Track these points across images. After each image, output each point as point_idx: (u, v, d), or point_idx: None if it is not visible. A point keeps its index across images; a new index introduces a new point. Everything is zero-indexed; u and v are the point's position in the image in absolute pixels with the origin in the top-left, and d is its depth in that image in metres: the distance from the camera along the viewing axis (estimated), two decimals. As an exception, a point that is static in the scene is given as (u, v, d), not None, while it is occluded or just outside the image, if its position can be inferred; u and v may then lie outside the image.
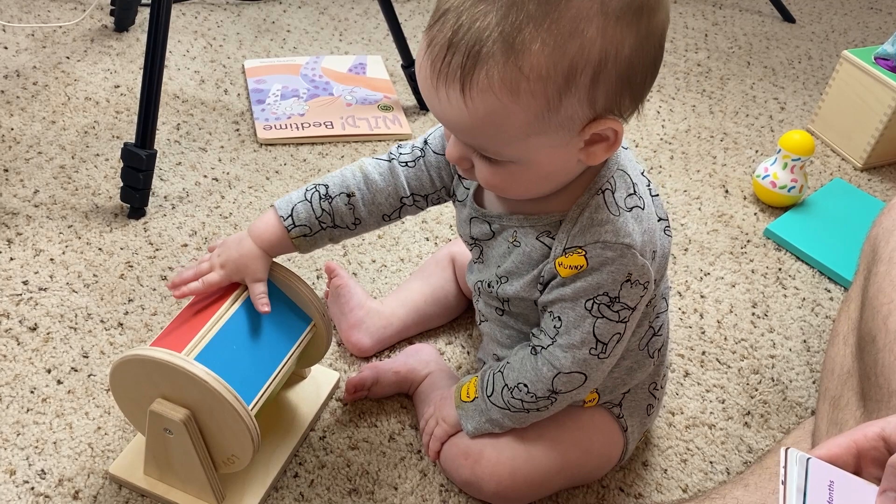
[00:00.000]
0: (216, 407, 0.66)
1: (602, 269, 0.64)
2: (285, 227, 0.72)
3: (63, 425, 0.81)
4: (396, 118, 1.28)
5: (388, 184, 0.74)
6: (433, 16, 0.57)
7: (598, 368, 0.69)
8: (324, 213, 0.73)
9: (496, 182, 0.63)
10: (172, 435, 0.68)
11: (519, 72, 0.54)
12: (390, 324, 0.91)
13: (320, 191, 0.73)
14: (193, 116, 1.24)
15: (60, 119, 1.20)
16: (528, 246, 0.68)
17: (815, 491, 0.48)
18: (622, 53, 0.55)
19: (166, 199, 1.09)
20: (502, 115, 0.56)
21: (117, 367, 0.67)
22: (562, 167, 0.63)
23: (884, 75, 1.24)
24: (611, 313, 0.66)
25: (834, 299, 1.06)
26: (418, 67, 0.58)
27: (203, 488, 0.72)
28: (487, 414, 0.74)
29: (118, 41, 1.38)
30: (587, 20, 0.53)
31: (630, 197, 0.66)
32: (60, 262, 0.98)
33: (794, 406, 0.92)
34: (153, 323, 0.92)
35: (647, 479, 0.83)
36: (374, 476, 0.80)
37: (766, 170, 1.18)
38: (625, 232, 0.64)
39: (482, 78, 0.54)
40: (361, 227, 0.75)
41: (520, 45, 0.53)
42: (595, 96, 0.56)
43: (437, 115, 0.60)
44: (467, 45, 0.54)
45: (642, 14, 0.55)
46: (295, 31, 1.49)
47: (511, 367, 0.72)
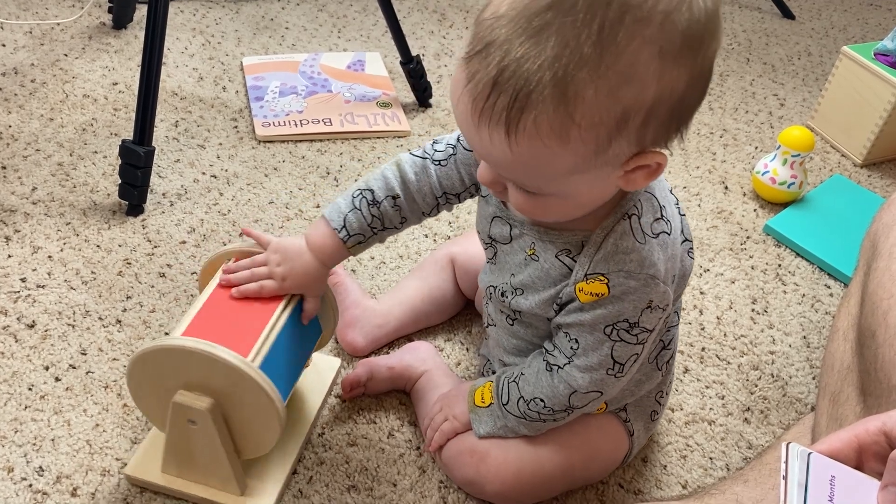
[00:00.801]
0: (244, 391, 0.65)
1: (624, 298, 0.63)
2: (341, 239, 0.73)
3: (61, 422, 0.80)
4: (395, 115, 1.28)
5: (424, 184, 0.74)
6: (472, 44, 0.53)
7: (615, 386, 0.69)
8: (374, 219, 0.73)
9: (529, 209, 0.62)
10: (196, 425, 0.68)
11: (570, 119, 0.51)
12: (386, 322, 0.90)
13: (367, 197, 0.73)
14: (192, 113, 1.24)
15: (58, 116, 1.19)
16: (546, 262, 0.66)
17: (817, 486, 0.48)
18: (676, 93, 0.53)
19: (164, 196, 1.08)
20: (548, 158, 0.54)
21: (138, 360, 0.66)
22: (599, 196, 0.61)
23: (883, 71, 1.24)
24: (629, 337, 0.65)
25: (834, 295, 1.06)
26: (456, 98, 0.55)
27: (226, 479, 0.72)
28: (503, 421, 0.74)
29: (116, 38, 1.38)
30: (645, 64, 0.50)
31: (657, 222, 0.64)
32: (58, 259, 0.98)
33: (793, 402, 0.92)
34: (151, 320, 0.92)
35: (647, 475, 0.83)
36: (372, 472, 0.80)
37: (766, 166, 1.18)
38: (650, 262, 0.62)
39: (530, 123, 0.51)
40: (406, 224, 0.76)
41: (573, 92, 0.50)
42: (644, 135, 0.54)
43: (476, 150, 0.57)
44: (514, 88, 0.50)
45: (700, 48, 0.52)
46: (293, 28, 1.49)
47: (526, 380, 0.72)
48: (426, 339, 0.93)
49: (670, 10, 0.50)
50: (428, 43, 1.49)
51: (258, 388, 0.65)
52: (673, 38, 0.51)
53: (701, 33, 0.52)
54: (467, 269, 0.93)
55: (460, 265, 0.93)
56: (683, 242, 0.68)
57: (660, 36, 0.50)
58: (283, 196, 1.11)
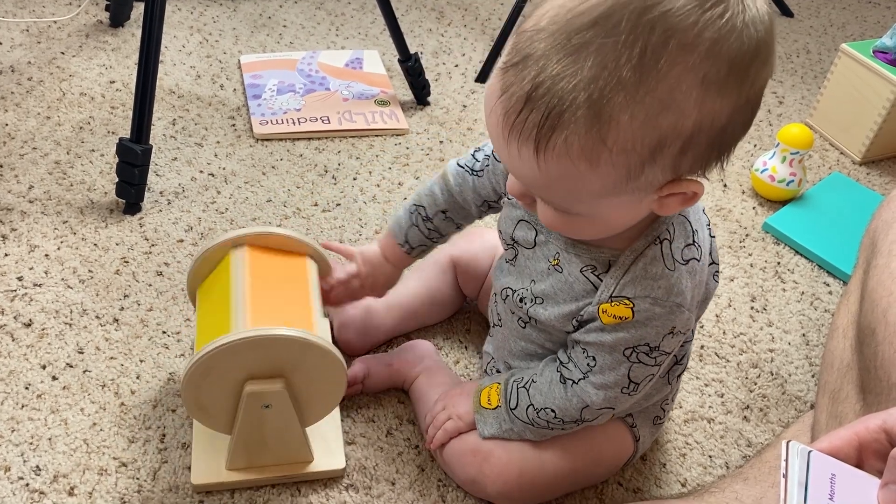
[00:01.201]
0: (312, 361, 0.68)
1: (648, 324, 0.62)
2: (405, 252, 0.83)
3: (58, 421, 0.80)
4: (393, 113, 1.27)
5: (466, 193, 0.78)
6: (510, 55, 0.51)
7: (627, 402, 0.69)
8: (431, 232, 0.81)
9: (558, 226, 0.61)
10: (270, 408, 0.70)
11: (601, 143, 0.50)
12: (383, 323, 0.90)
13: (421, 213, 0.80)
14: (189, 112, 1.24)
15: (55, 115, 1.19)
16: (571, 276, 0.65)
17: (817, 484, 0.47)
18: (717, 123, 0.51)
19: (162, 194, 1.08)
20: (576, 179, 0.52)
21: (195, 373, 0.66)
22: (630, 219, 0.60)
23: (882, 68, 1.23)
24: (648, 360, 0.65)
25: (833, 293, 1.06)
26: (489, 109, 0.54)
27: (299, 450, 0.75)
28: (509, 424, 0.73)
29: (113, 36, 1.38)
30: (686, 93, 0.48)
31: (688, 248, 0.62)
32: (55, 257, 0.97)
33: (793, 400, 0.92)
34: (149, 318, 0.91)
35: (646, 473, 0.82)
36: (371, 471, 0.79)
37: (765, 164, 1.17)
38: (678, 290, 0.61)
39: (560, 143, 0.50)
40: (465, 225, 0.82)
41: (607, 115, 0.48)
42: (680, 163, 0.53)
43: (505, 162, 0.56)
44: (548, 105, 0.49)
45: (747, 77, 0.50)
46: (291, 27, 1.48)
47: (538, 388, 0.71)
48: (424, 337, 0.93)
49: (718, 38, 0.48)
50: (426, 41, 1.48)
51: (328, 353, 0.68)
52: (718, 66, 0.49)
53: (749, 62, 0.50)
54: (469, 270, 0.92)
55: (462, 267, 0.93)
56: (710, 265, 0.67)
57: (704, 64, 0.48)
58: (281, 194, 1.11)
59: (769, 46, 0.51)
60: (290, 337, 0.66)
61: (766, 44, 0.51)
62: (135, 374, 0.86)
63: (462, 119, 1.30)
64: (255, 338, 0.66)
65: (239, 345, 0.65)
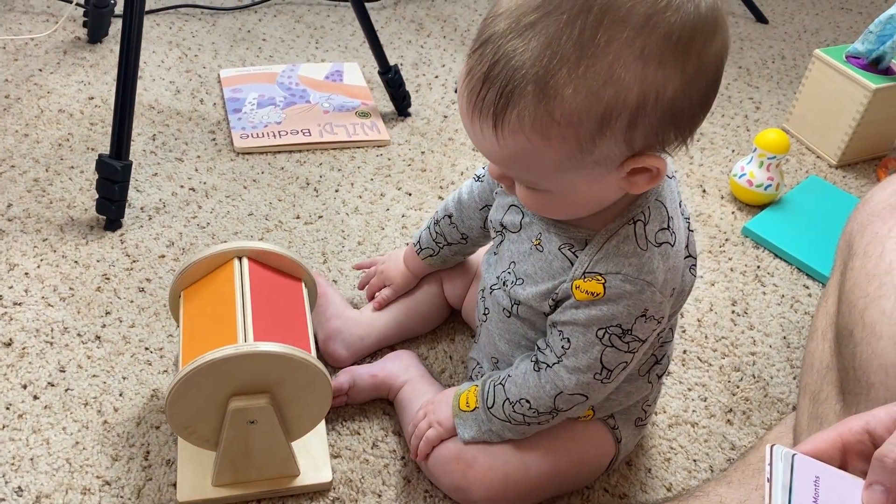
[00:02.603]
0: (299, 377, 0.68)
1: (619, 301, 0.63)
2: (416, 252, 0.89)
3: (40, 441, 0.79)
4: (374, 125, 1.28)
5: (472, 200, 0.82)
6: (475, 41, 0.55)
7: (600, 391, 0.70)
8: (438, 235, 0.86)
9: (534, 205, 0.63)
10: (255, 424, 0.69)
11: (550, 117, 0.52)
12: (368, 334, 0.90)
13: (434, 217, 0.87)
14: (169, 127, 1.23)
15: (34, 132, 1.18)
16: (550, 254, 0.67)
17: (801, 487, 0.48)
18: (664, 96, 0.53)
19: (143, 210, 1.08)
20: (533, 153, 0.55)
21: (179, 390, 0.66)
22: (601, 196, 0.61)
23: (855, 73, 1.25)
24: (621, 344, 0.66)
25: (812, 295, 1.07)
26: (459, 93, 0.57)
27: (285, 464, 0.75)
28: (488, 425, 0.74)
29: (92, 53, 1.37)
30: (624, 66, 0.51)
31: (662, 231, 0.64)
32: (35, 276, 0.96)
33: (775, 402, 0.93)
34: (131, 335, 0.91)
35: (632, 479, 0.83)
36: (357, 484, 0.79)
37: (743, 169, 1.19)
38: (648, 269, 0.63)
39: (513, 118, 0.53)
40: (472, 240, 0.86)
41: (552, 89, 0.51)
42: (633, 137, 0.54)
43: (474, 142, 0.59)
44: (501, 83, 0.53)
45: (690, 51, 0.52)
46: (271, 40, 1.48)
47: (513, 380, 0.72)
48: (409, 348, 0.93)
49: (652, 13, 0.51)
50: (406, 52, 1.49)
51: (313, 369, 0.69)
52: (655, 39, 0.51)
53: (689, 37, 0.52)
54: (454, 280, 0.93)
55: (447, 277, 0.93)
56: (687, 258, 0.68)
57: (640, 37, 0.51)
58: (263, 207, 1.11)
59: (715, 21, 0.53)
60: (276, 353, 0.66)
61: (709, 18, 0.53)
62: (117, 392, 0.85)
63: (443, 129, 1.30)
64: (241, 354, 0.65)
65: (224, 361, 0.65)
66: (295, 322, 0.74)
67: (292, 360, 0.67)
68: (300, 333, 0.73)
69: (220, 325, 0.70)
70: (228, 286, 0.73)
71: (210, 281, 0.76)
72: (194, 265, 0.75)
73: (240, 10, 1.56)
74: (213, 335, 0.69)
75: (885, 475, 0.47)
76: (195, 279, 0.77)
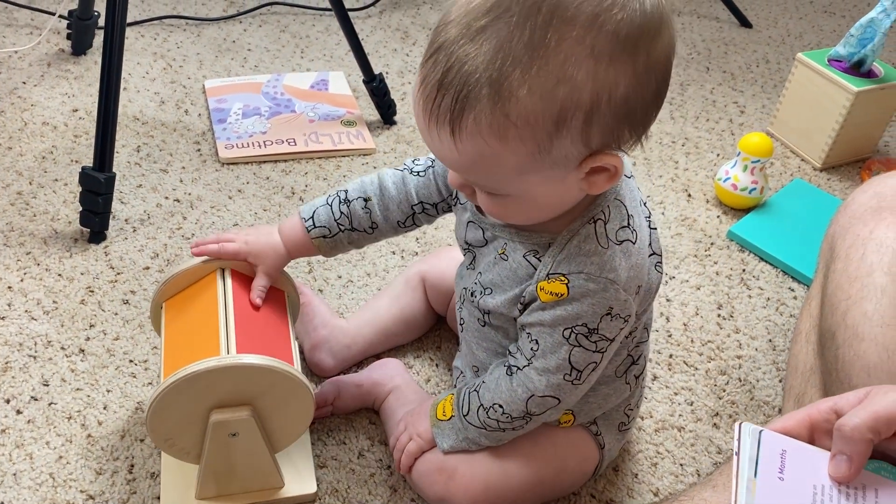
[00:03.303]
0: (282, 390, 0.68)
1: (582, 300, 0.64)
2: (306, 228, 0.76)
3: (23, 456, 0.79)
4: (360, 133, 1.28)
5: (400, 192, 0.76)
6: (427, 49, 0.55)
7: (572, 393, 0.69)
8: (342, 216, 0.76)
9: (496, 211, 0.63)
10: (237, 436, 0.69)
11: (506, 118, 0.53)
12: (354, 343, 0.90)
13: (340, 196, 0.77)
14: (154, 138, 1.23)
15: (17, 145, 1.18)
16: (514, 262, 0.67)
17: (767, 459, 0.49)
18: (617, 93, 0.54)
19: (127, 222, 1.07)
20: (492, 157, 0.55)
21: (160, 403, 0.66)
22: (561, 198, 0.62)
23: (838, 77, 1.26)
24: (588, 343, 0.66)
25: (797, 298, 1.08)
26: (414, 102, 0.58)
27: (269, 476, 0.74)
28: (464, 433, 0.74)
29: (76, 65, 1.37)
30: (576, 65, 0.52)
31: (623, 230, 0.65)
32: (18, 289, 0.96)
33: (761, 405, 0.93)
34: (115, 348, 0.90)
35: (619, 484, 0.83)
36: (343, 494, 0.79)
37: (727, 172, 1.19)
38: (610, 266, 0.63)
39: (470, 123, 0.54)
40: (378, 231, 0.78)
41: (507, 91, 0.52)
42: (589, 136, 0.55)
43: (433, 151, 0.59)
44: (456, 89, 0.53)
45: (639, 48, 0.53)
46: (256, 50, 1.48)
47: (486, 386, 0.72)
48: (395, 356, 0.93)
49: (599, 12, 0.52)
50: (391, 61, 1.49)
51: (295, 380, 0.68)
52: (604, 37, 0.52)
53: (637, 34, 0.53)
54: (438, 286, 0.93)
55: (431, 283, 0.93)
56: (651, 256, 0.68)
57: (589, 36, 0.52)
58: (248, 217, 1.11)
59: (661, 18, 0.54)
60: (258, 365, 0.66)
61: (655, 15, 0.54)
62: (102, 405, 0.84)
63: (428, 137, 1.30)
64: (223, 367, 0.65)
65: (206, 374, 0.65)
66: (277, 334, 0.74)
67: (274, 372, 0.67)
68: (282, 345, 0.72)
69: (202, 338, 0.69)
70: (211, 298, 0.73)
71: (192, 293, 0.75)
72: (176, 277, 0.75)
73: (224, 20, 1.56)
74: (194, 347, 0.69)
75: (845, 444, 0.49)
76: (177, 291, 0.76)
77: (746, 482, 0.49)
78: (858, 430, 0.48)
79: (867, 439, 0.48)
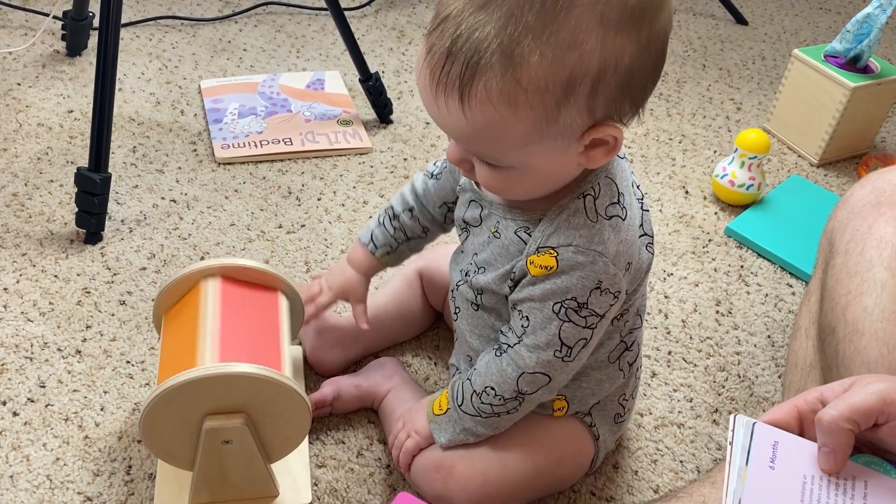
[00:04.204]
0: (277, 400, 0.67)
1: (571, 273, 0.64)
2: (371, 252, 0.83)
3: (20, 458, 0.78)
4: (356, 132, 1.28)
5: (429, 195, 0.81)
6: (433, 21, 0.56)
7: (562, 371, 0.69)
8: (396, 231, 0.83)
9: (495, 185, 0.64)
10: (231, 444, 0.68)
11: (517, 84, 0.54)
12: (355, 341, 0.90)
13: (389, 213, 0.83)
14: (150, 138, 1.23)
15: (12, 146, 1.17)
16: (506, 239, 0.68)
17: (759, 450, 0.51)
18: (622, 63, 0.55)
19: (123, 222, 1.07)
20: (500, 125, 0.56)
21: (148, 418, 0.65)
22: (561, 171, 0.63)
23: (834, 72, 1.26)
24: (578, 318, 0.66)
25: (796, 294, 1.08)
26: (418, 73, 0.58)
27: (262, 485, 0.74)
28: (461, 423, 0.74)
29: (70, 66, 1.36)
30: (586, 32, 0.53)
31: (612, 206, 0.65)
32: (14, 291, 0.95)
33: (760, 401, 0.93)
34: (112, 349, 0.90)
35: (619, 481, 0.83)
36: (342, 494, 0.79)
37: (725, 169, 1.19)
38: (599, 239, 0.64)
39: (480, 89, 0.54)
40: (432, 232, 0.84)
41: (518, 57, 0.53)
42: (594, 105, 0.56)
43: (437, 121, 0.60)
44: (466, 56, 0.54)
45: (643, 22, 0.55)
46: (251, 50, 1.48)
47: (477, 372, 0.72)
48: (393, 354, 0.93)
49: None
50: (387, 60, 1.49)
51: (289, 391, 0.67)
52: (612, 6, 0.53)
53: (643, 6, 0.55)
54: (436, 282, 0.92)
55: (429, 278, 0.93)
56: (642, 236, 0.69)
57: (600, 4, 0.53)
58: (245, 217, 1.10)
59: None
60: (249, 374, 0.65)
61: None
62: (99, 406, 0.84)
63: (425, 136, 1.30)
64: (212, 375, 0.64)
65: (196, 382, 0.64)
66: (267, 339, 0.72)
67: (254, 378, 0.66)
68: (271, 351, 0.71)
69: (185, 349, 0.69)
70: (194, 308, 0.73)
71: (184, 303, 0.75)
72: (168, 289, 0.75)
73: (220, 20, 1.55)
74: (179, 359, 0.68)
75: (825, 436, 0.50)
76: (173, 302, 0.76)
77: (738, 470, 0.50)
78: (836, 422, 0.49)
79: (846, 431, 0.49)
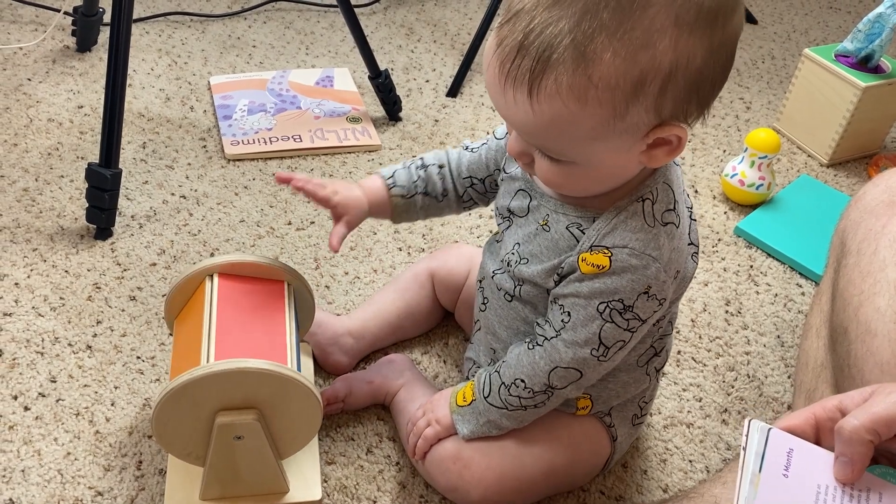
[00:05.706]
0: (288, 395, 0.67)
1: (623, 274, 0.64)
2: (387, 185, 0.79)
3: (31, 452, 0.79)
4: (366, 129, 1.28)
5: (460, 166, 0.80)
6: (504, 14, 0.56)
7: (595, 369, 0.69)
8: (419, 179, 0.79)
9: (554, 179, 0.64)
10: (242, 440, 0.68)
11: (588, 80, 0.54)
12: (362, 337, 0.90)
13: (417, 162, 0.80)
14: (159, 134, 1.23)
15: (23, 141, 1.18)
16: (556, 233, 0.68)
17: (773, 456, 0.50)
18: (693, 64, 0.55)
19: (133, 218, 1.07)
20: (568, 120, 0.56)
21: (164, 405, 0.66)
22: (621, 169, 0.63)
23: (844, 72, 1.26)
24: (621, 320, 0.66)
25: (805, 294, 1.07)
26: (486, 65, 0.58)
27: (273, 481, 0.74)
28: (486, 416, 0.74)
29: (81, 61, 1.37)
30: (661, 32, 0.53)
31: (668, 212, 0.65)
32: (25, 286, 0.96)
33: (770, 401, 0.92)
34: (122, 344, 0.90)
35: (628, 480, 0.83)
36: (351, 491, 0.79)
37: (734, 168, 1.19)
38: (655, 245, 0.64)
39: (550, 84, 0.55)
40: (447, 201, 0.80)
41: (591, 53, 0.53)
42: (662, 104, 0.56)
43: (503, 114, 0.60)
44: (538, 50, 0.54)
45: (717, 23, 0.55)
46: (261, 46, 1.48)
47: (507, 364, 0.72)
48: (402, 352, 0.93)
49: None
50: (396, 57, 1.49)
51: (304, 389, 0.67)
52: (688, 7, 0.54)
53: (717, 8, 0.55)
54: (448, 283, 0.92)
55: (440, 279, 0.93)
56: (689, 245, 0.69)
57: (674, 5, 0.53)
58: (254, 214, 1.10)
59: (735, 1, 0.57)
60: (260, 369, 0.65)
61: None
62: (109, 401, 0.84)
63: (434, 133, 1.30)
64: (221, 371, 0.65)
65: (205, 378, 0.65)
66: (269, 332, 0.72)
67: (276, 376, 0.66)
68: (274, 344, 0.71)
69: (191, 348, 0.70)
70: (198, 308, 0.73)
71: (192, 303, 0.76)
72: (177, 290, 0.76)
73: (229, 16, 1.55)
74: (186, 358, 0.69)
75: (845, 446, 0.49)
76: (182, 304, 0.77)
77: (750, 476, 0.49)
78: (857, 432, 0.48)
79: (866, 441, 0.48)
